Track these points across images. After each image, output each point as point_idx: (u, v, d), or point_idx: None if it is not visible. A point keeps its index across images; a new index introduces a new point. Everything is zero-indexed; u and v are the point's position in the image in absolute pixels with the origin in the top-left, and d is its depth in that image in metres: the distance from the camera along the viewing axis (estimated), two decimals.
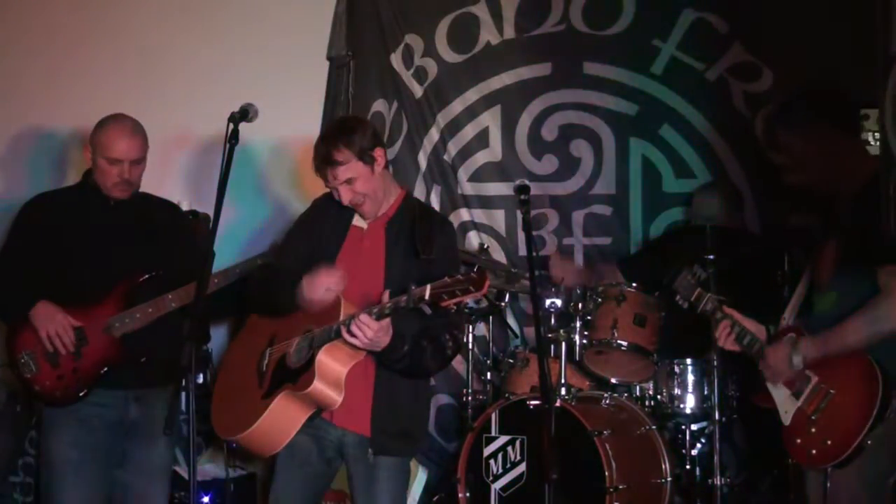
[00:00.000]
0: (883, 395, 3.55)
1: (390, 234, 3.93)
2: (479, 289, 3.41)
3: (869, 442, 3.55)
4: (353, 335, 3.60)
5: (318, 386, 3.69)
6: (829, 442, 3.64)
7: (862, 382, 3.61)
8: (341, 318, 3.69)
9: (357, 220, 3.99)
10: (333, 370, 3.72)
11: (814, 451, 3.68)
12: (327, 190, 3.99)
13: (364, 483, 3.86)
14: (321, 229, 4.01)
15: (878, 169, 3.66)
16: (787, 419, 3.79)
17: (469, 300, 3.51)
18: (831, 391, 3.68)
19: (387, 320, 3.61)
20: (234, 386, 4.01)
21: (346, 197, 3.87)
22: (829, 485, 3.64)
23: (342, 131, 3.89)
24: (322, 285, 3.75)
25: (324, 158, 3.83)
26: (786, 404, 3.81)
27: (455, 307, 3.56)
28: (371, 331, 3.58)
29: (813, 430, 3.70)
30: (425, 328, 3.77)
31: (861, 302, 3.63)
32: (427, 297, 3.46)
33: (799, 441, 3.74)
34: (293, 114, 5.57)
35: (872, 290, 3.62)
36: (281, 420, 3.80)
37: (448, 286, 3.43)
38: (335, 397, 3.73)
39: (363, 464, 3.83)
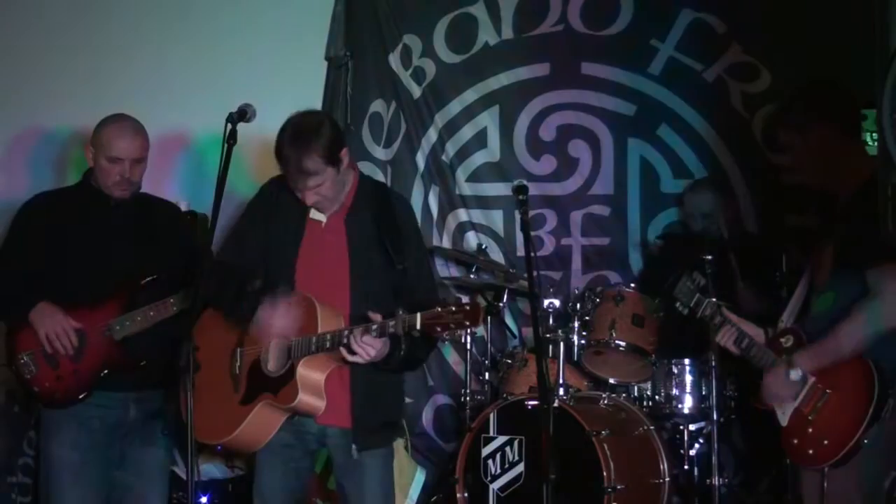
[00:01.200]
0: (879, 393, 3.55)
1: (351, 228, 3.84)
2: (474, 323, 3.41)
3: (866, 441, 3.55)
4: (353, 353, 3.59)
5: (302, 399, 3.69)
6: (826, 442, 3.64)
7: (858, 382, 3.60)
8: (319, 328, 3.66)
9: (314, 213, 3.86)
10: (314, 379, 3.71)
11: (811, 451, 3.68)
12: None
13: (351, 472, 3.84)
14: (276, 221, 3.89)
15: (875, 171, 3.68)
16: (784, 420, 3.79)
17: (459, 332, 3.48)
18: (828, 391, 3.68)
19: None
20: (206, 387, 3.83)
21: (310, 200, 3.74)
22: (826, 485, 3.64)
23: (310, 136, 3.68)
24: (270, 330, 3.71)
25: (297, 168, 3.66)
26: (783, 405, 3.81)
27: (448, 337, 3.55)
28: (374, 349, 3.59)
29: (810, 430, 3.69)
30: None
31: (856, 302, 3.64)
32: (418, 326, 3.47)
33: (796, 441, 3.74)
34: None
35: (867, 290, 3.62)
36: (261, 425, 3.80)
37: (440, 318, 3.43)
38: (319, 405, 3.73)
39: (348, 454, 3.80)
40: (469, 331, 5.53)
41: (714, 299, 4.10)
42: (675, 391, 5.28)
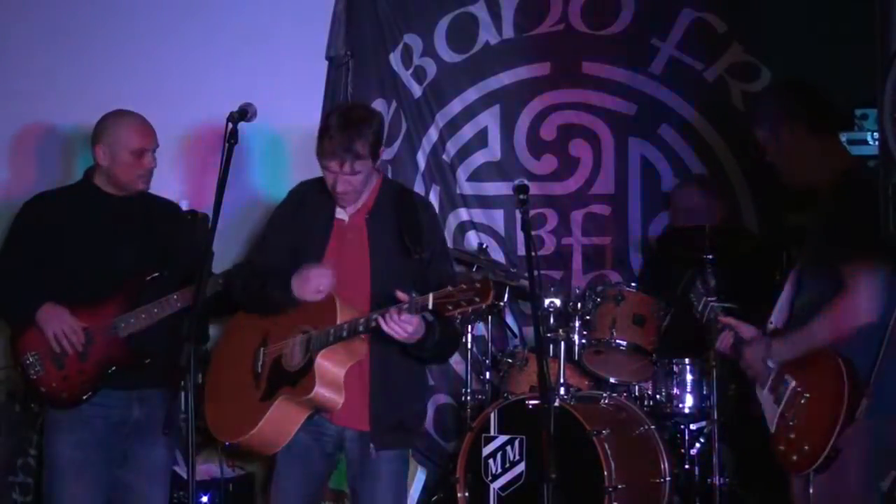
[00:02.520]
0: (850, 395, 3.47)
1: (372, 227, 3.90)
2: (484, 299, 3.41)
3: (843, 444, 3.46)
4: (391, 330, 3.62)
5: (319, 391, 3.70)
6: (806, 447, 3.57)
7: (832, 384, 3.52)
8: (338, 319, 3.68)
9: (339, 213, 3.93)
10: (332, 373, 3.73)
11: (794, 457, 3.62)
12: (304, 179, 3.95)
13: (366, 477, 3.86)
14: (303, 222, 3.96)
15: (850, 167, 3.71)
16: (772, 425, 3.74)
17: (472, 310, 3.49)
18: (806, 395, 3.62)
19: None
20: (229, 387, 3.99)
21: (342, 187, 3.80)
22: (811, 491, 3.57)
23: (363, 122, 3.79)
24: (313, 286, 3.74)
25: (344, 147, 3.73)
26: (769, 410, 3.77)
27: (459, 317, 3.57)
28: (412, 326, 3.59)
29: (792, 435, 3.64)
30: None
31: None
32: (430, 306, 3.48)
33: (781, 447, 3.68)
34: (292, 114, 5.56)
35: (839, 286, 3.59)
36: (281, 422, 3.81)
37: (451, 296, 3.44)
38: (336, 399, 3.74)
39: (364, 458, 3.83)
40: (471, 328, 5.58)
41: (715, 301, 4.11)
42: (675, 390, 5.28)
